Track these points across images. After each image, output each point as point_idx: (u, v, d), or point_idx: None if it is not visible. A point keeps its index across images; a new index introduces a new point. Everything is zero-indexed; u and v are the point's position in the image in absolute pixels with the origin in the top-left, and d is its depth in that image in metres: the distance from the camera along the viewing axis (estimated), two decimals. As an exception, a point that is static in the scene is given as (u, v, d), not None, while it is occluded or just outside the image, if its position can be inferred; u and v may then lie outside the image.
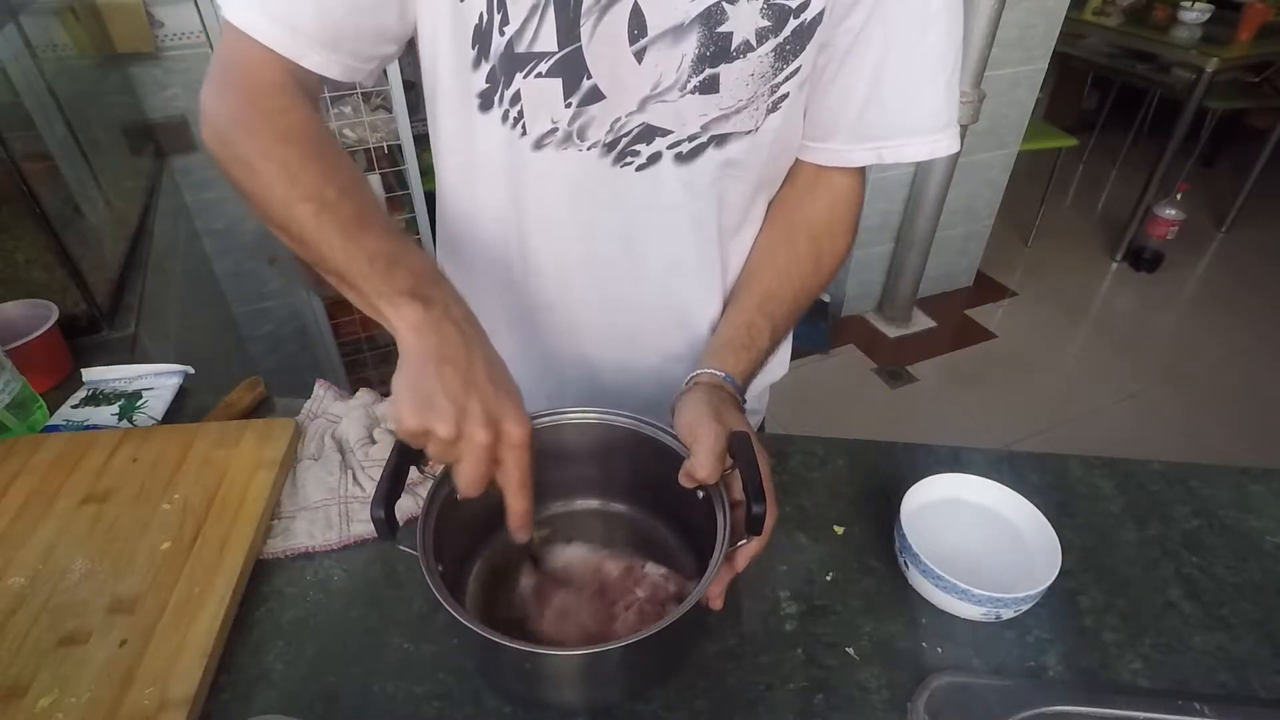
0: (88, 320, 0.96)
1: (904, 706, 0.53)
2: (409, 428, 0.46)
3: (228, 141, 0.54)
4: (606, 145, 0.61)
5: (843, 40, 0.59)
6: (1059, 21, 2.32)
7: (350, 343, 1.99)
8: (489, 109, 0.60)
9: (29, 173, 0.91)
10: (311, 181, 0.52)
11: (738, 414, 0.56)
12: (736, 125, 0.61)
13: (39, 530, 0.62)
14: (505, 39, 0.56)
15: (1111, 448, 0.90)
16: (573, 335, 0.74)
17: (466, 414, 0.45)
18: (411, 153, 1.66)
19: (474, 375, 0.47)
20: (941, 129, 0.64)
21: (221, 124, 0.55)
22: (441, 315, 0.49)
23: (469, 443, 0.46)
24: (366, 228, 0.51)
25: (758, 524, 0.48)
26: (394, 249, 0.51)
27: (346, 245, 0.50)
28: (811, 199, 0.70)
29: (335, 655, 0.56)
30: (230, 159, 0.55)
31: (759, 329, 0.65)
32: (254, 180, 0.53)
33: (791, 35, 0.57)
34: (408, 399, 0.46)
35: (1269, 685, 0.56)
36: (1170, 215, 2.89)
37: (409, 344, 0.48)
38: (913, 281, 2.65)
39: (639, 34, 0.55)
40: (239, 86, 0.55)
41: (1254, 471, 0.74)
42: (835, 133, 0.65)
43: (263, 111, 0.54)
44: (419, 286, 0.50)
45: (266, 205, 0.53)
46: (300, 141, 0.54)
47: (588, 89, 0.58)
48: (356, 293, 0.51)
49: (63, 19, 1.36)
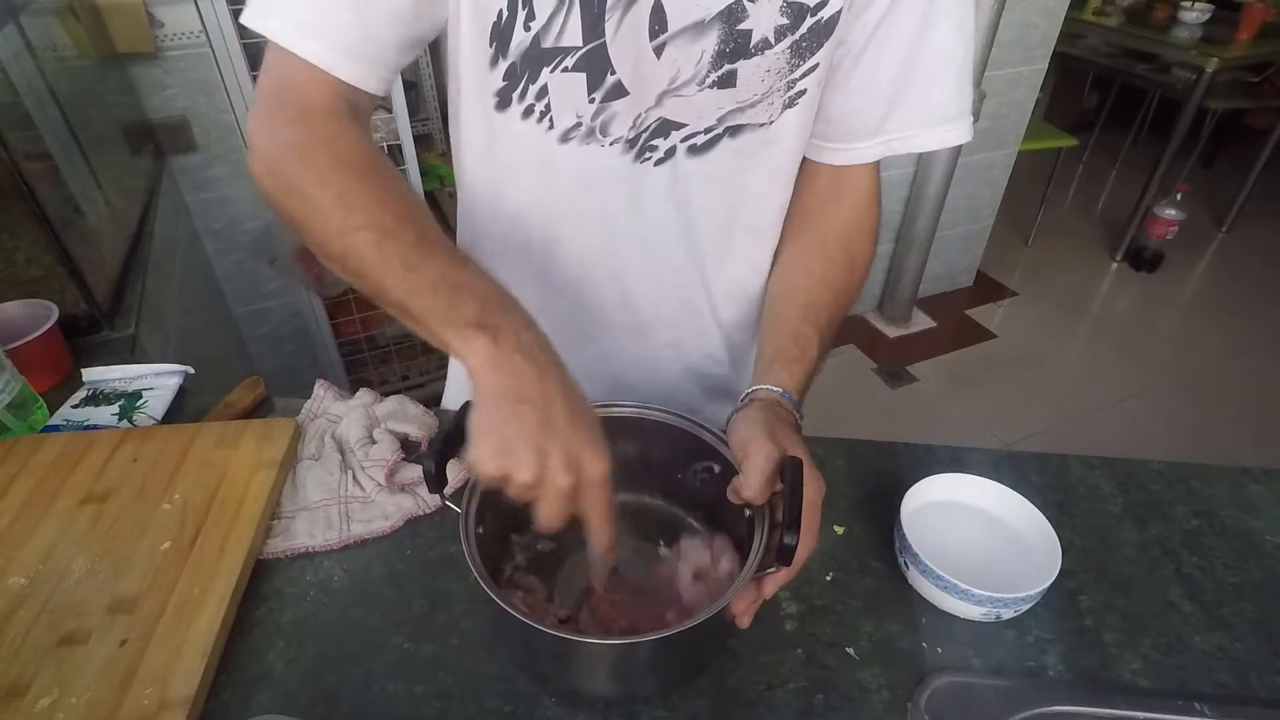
0: (88, 320, 0.96)
1: (904, 706, 0.53)
2: (488, 474, 0.45)
3: (279, 171, 0.52)
4: (629, 141, 0.61)
5: (858, 37, 0.60)
6: (1059, 21, 2.32)
7: (350, 343, 1.99)
8: (506, 106, 0.60)
9: (29, 172, 0.91)
10: (369, 208, 0.50)
11: (794, 435, 0.54)
12: (751, 117, 0.61)
13: (39, 530, 0.62)
14: (531, 34, 0.55)
15: (1111, 448, 0.90)
16: (591, 328, 0.74)
17: (547, 458, 0.44)
18: (411, 153, 1.66)
19: (551, 415, 0.46)
20: (952, 120, 0.64)
21: (271, 154, 0.53)
22: (513, 348, 0.47)
23: (550, 486, 0.45)
24: (428, 255, 0.49)
25: (787, 555, 0.47)
26: (457, 275, 0.49)
27: (407, 275, 0.48)
28: (836, 203, 0.70)
29: (335, 655, 0.56)
30: (282, 190, 0.52)
31: (807, 339, 0.62)
32: (308, 210, 0.51)
33: (809, 32, 0.57)
34: (485, 444, 0.45)
35: (1269, 685, 0.56)
36: (1170, 215, 2.89)
37: (484, 382, 0.46)
38: (913, 281, 2.65)
39: (659, 29, 0.55)
40: (289, 113, 0.54)
41: (1254, 471, 0.74)
42: (859, 134, 0.65)
43: (315, 137, 0.53)
44: (486, 315, 0.48)
45: (323, 236, 0.51)
46: (355, 167, 0.52)
47: (611, 84, 0.58)
48: (422, 325, 0.49)
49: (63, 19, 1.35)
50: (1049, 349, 2.66)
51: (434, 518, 0.67)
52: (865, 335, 2.68)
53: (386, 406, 0.76)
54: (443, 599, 0.60)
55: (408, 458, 0.70)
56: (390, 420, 0.74)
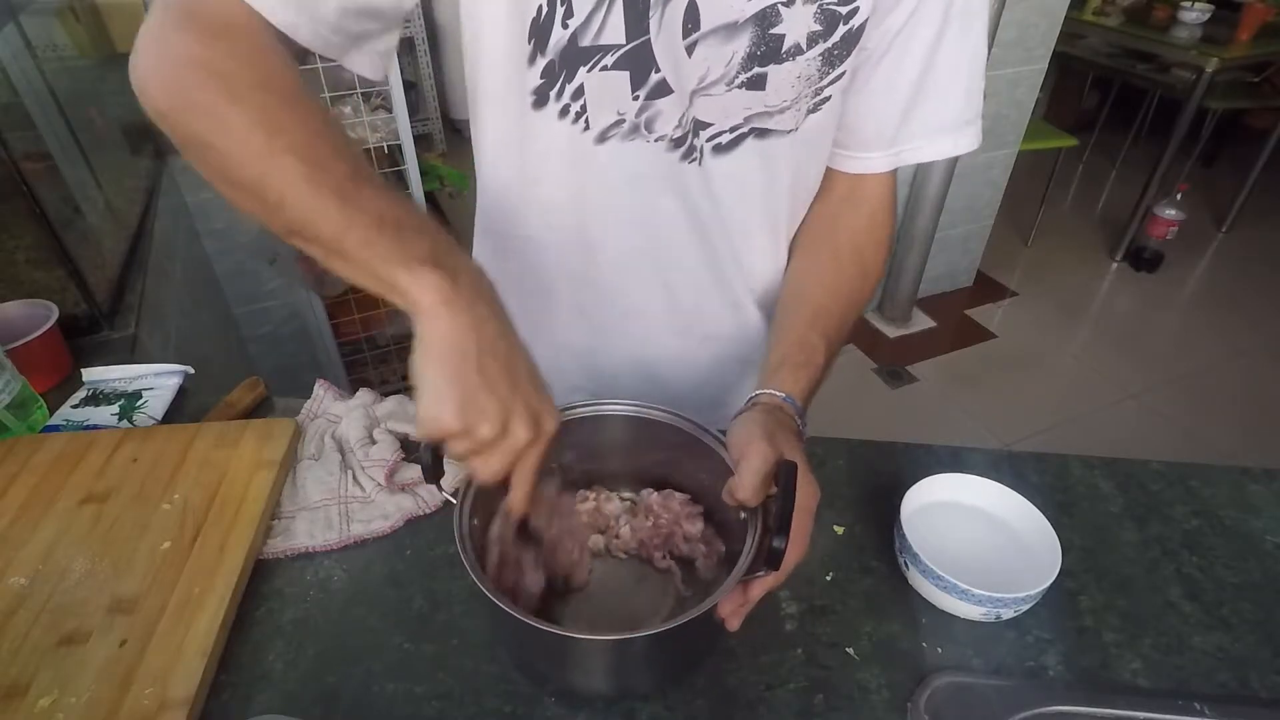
0: (88, 320, 0.96)
1: (904, 706, 0.53)
2: (448, 429, 0.42)
3: (179, 87, 0.44)
4: (675, 140, 0.61)
5: (879, 44, 0.59)
6: (1059, 21, 2.32)
7: (350, 343, 1.99)
8: (544, 104, 0.59)
9: (29, 172, 0.91)
10: (296, 133, 0.44)
11: (793, 440, 0.54)
12: (779, 124, 0.61)
13: (39, 530, 0.62)
14: (569, 32, 0.54)
15: (1111, 448, 0.90)
16: (632, 326, 0.74)
17: (511, 414, 0.43)
18: (411, 153, 1.66)
19: (514, 366, 0.44)
20: (963, 127, 0.64)
21: (170, 67, 0.45)
22: (473, 292, 0.43)
23: (509, 443, 0.44)
24: (365, 189, 0.44)
25: (776, 559, 0.46)
26: (402, 213, 0.44)
27: (344, 207, 0.43)
28: (852, 211, 0.70)
29: (335, 655, 0.56)
30: (183, 106, 0.45)
31: (814, 347, 0.62)
32: (218, 129, 0.43)
33: (841, 40, 0.57)
34: (450, 399, 0.41)
35: (1269, 685, 0.56)
36: (1170, 215, 2.89)
37: (440, 322, 0.42)
38: (913, 281, 2.65)
39: (692, 27, 0.55)
40: (200, 25, 0.46)
41: (1254, 471, 0.74)
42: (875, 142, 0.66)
43: (233, 53, 0.45)
44: (439, 254, 0.43)
45: (238, 159, 0.44)
46: (280, 91, 0.45)
47: (656, 82, 0.57)
48: (357, 263, 0.43)
49: (63, 19, 1.36)
50: (1049, 349, 2.66)
51: (434, 518, 0.67)
52: (865, 335, 2.68)
53: (386, 406, 0.76)
54: (443, 599, 0.60)
55: (408, 458, 0.70)
56: (390, 420, 0.74)
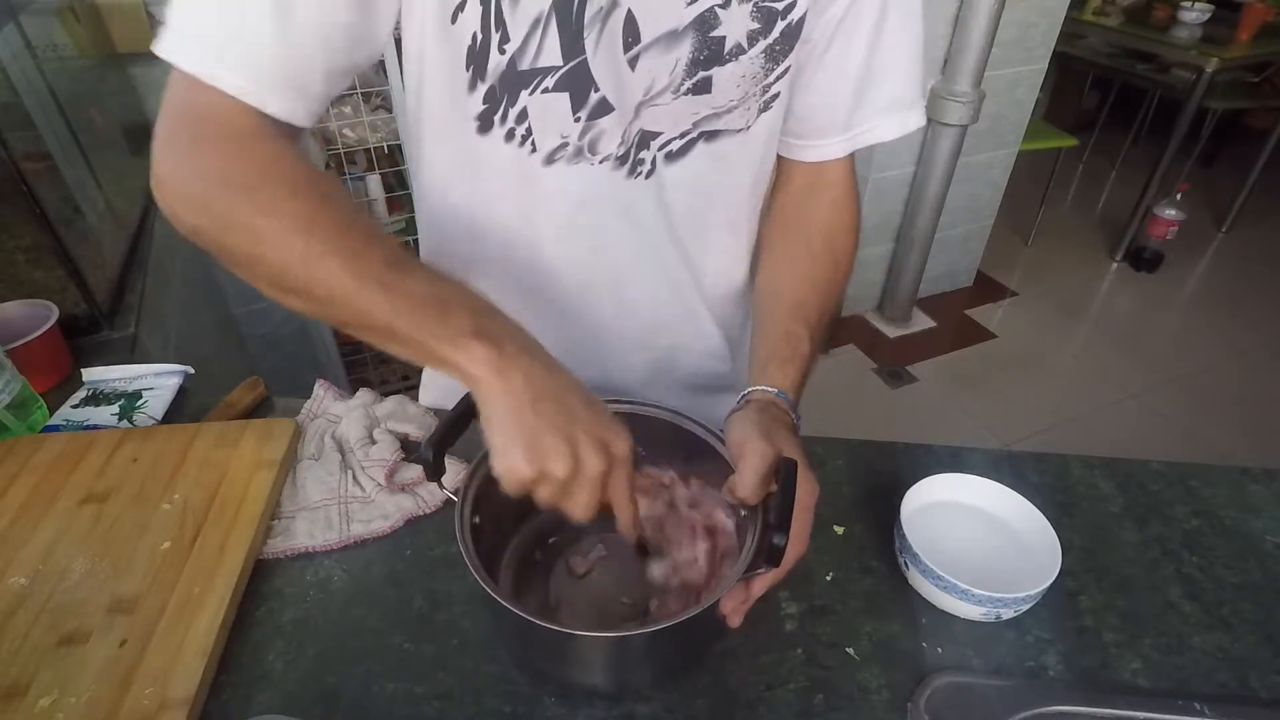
0: (88, 320, 0.96)
1: (904, 706, 0.53)
2: (524, 477, 0.44)
3: (210, 206, 0.47)
4: (619, 158, 0.61)
5: (821, 34, 0.60)
6: (1059, 21, 2.32)
7: (350, 343, 1.99)
8: (488, 130, 0.59)
9: (29, 172, 0.91)
10: (331, 232, 0.46)
11: (790, 437, 0.55)
12: (728, 124, 0.62)
13: (39, 530, 0.62)
14: (506, 57, 0.54)
15: (1111, 448, 0.90)
16: (592, 341, 0.74)
17: (577, 444, 0.44)
18: (411, 153, 1.66)
19: (569, 403, 0.45)
20: (909, 106, 0.66)
21: (196, 186, 0.48)
22: (515, 351, 0.46)
23: (585, 474, 0.45)
24: (403, 273, 0.47)
25: (776, 556, 0.46)
26: (439, 290, 0.47)
27: (390, 295, 0.46)
28: (815, 200, 0.71)
29: (335, 655, 0.56)
30: (219, 226, 0.48)
31: (799, 337, 0.63)
32: (257, 243, 0.46)
33: (780, 36, 0.58)
34: (517, 448, 0.44)
35: (1269, 685, 0.56)
36: (1170, 215, 2.89)
37: (494, 389, 0.45)
38: (913, 281, 2.65)
39: (633, 41, 0.55)
40: (209, 139, 0.48)
41: (1254, 471, 0.74)
42: (829, 129, 0.66)
43: (250, 165, 0.48)
44: (480, 324, 0.46)
45: (281, 267, 0.46)
46: (305, 191, 0.48)
47: (596, 101, 0.57)
48: (412, 345, 0.47)
49: (63, 19, 1.35)
50: (1049, 349, 2.66)
51: (434, 518, 0.67)
52: (865, 335, 2.68)
53: (386, 406, 0.76)
54: (443, 599, 0.60)
55: (408, 458, 0.70)
56: (390, 420, 0.74)
